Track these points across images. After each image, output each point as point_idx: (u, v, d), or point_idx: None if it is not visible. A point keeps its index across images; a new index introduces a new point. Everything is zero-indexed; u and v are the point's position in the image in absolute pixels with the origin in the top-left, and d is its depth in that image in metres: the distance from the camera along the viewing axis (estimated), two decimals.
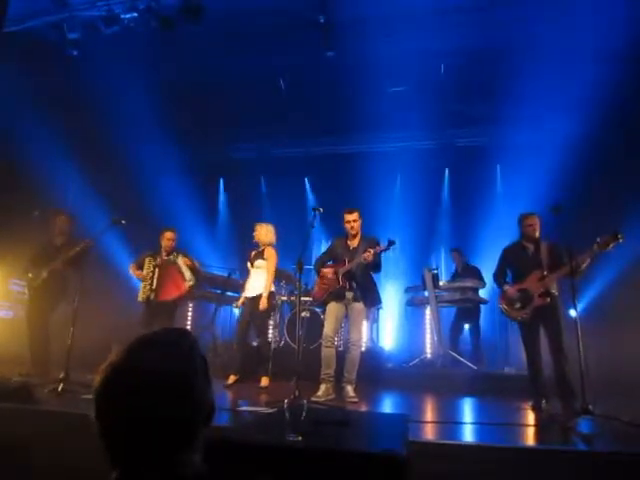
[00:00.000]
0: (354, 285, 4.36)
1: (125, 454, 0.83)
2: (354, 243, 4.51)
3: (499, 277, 4.39)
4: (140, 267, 5.26)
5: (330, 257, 4.65)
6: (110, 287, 6.88)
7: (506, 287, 4.26)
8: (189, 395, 0.87)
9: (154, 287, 5.07)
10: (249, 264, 5.11)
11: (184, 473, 0.85)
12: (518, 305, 4.10)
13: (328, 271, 4.47)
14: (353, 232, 4.46)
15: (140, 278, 5.21)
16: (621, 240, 3.55)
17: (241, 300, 5.11)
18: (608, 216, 5.81)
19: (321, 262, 4.66)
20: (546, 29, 6.07)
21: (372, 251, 4.12)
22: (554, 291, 3.98)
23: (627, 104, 6.26)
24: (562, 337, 3.82)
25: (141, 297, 5.19)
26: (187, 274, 5.17)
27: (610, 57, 5.70)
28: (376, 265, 4.36)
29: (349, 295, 4.36)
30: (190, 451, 0.87)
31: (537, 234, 4.15)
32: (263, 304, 4.80)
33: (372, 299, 4.50)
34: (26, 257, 5.19)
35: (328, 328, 4.31)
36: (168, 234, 5.25)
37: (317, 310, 4.65)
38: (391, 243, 4.15)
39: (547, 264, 4.00)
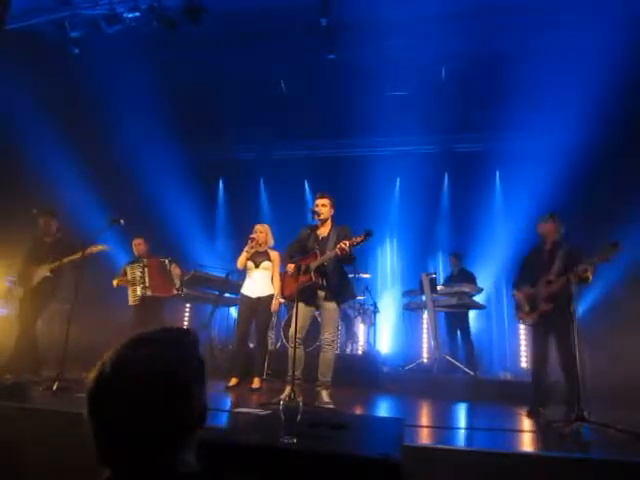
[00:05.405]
0: (325, 281, 4.05)
1: (117, 454, 0.83)
2: (323, 232, 4.23)
3: (516, 284, 4.32)
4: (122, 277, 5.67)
5: (300, 248, 4.25)
6: (106, 287, 6.86)
7: (514, 292, 4.28)
8: (181, 395, 0.86)
9: (147, 284, 5.46)
10: (251, 263, 5.01)
11: (176, 472, 0.84)
12: (527, 308, 4.11)
13: (292, 265, 4.09)
14: (319, 218, 4.18)
15: (126, 284, 5.59)
16: (620, 249, 3.53)
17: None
18: (609, 220, 5.82)
19: (290, 254, 4.26)
20: (546, 35, 6.11)
21: (347, 243, 3.78)
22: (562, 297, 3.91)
23: (627, 108, 6.28)
24: (568, 343, 3.75)
25: (133, 299, 5.50)
26: (177, 282, 5.65)
27: (610, 62, 5.72)
28: (349, 257, 3.95)
29: (321, 293, 4.09)
30: (182, 451, 0.87)
31: (551, 239, 4.13)
32: (275, 306, 4.96)
33: (345, 295, 4.21)
34: (19, 259, 5.20)
35: (294, 328, 3.99)
36: (136, 241, 5.72)
37: (315, 312, 4.62)
38: (368, 234, 3.77)
39: (557, 269, 3.96)
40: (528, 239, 5.79)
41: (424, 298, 6.31)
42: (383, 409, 4.49)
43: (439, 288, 6.31)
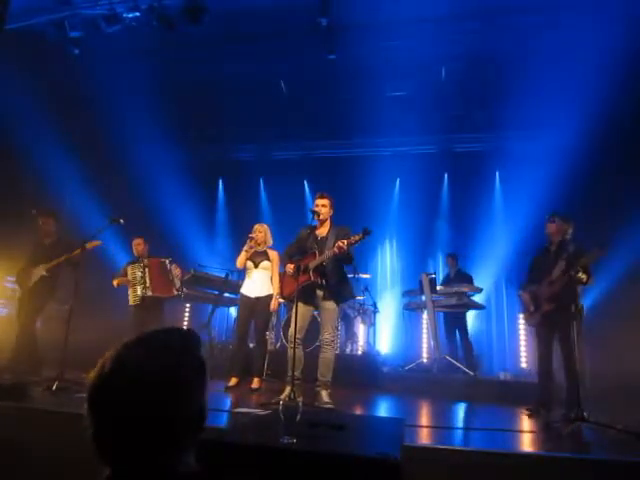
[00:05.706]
0: (324, 281, 4.06)
1: (116, 453, 0.83)
2: (323, 232, 4.23)
3: (523, 284, 4.32)
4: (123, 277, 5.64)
5: (299, 248, 4.26)
6: (106, 287, 6.87)
7: (520, 292, 4.29)
8: (181, 395, 0.86)
9: (148, 284, 5.44)
10: (250, 263, 5.01)
11: (176, 472, 0.84)
12: (532, 309, 4.11)
13: (291, 266, 4.12)
14: (319, 218, 4.18)
15: (126, 283, 5.55)
16: (606, 253, 3.51)
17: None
18: (609, 220, 5.82)
19: (289, 254, 4.30)
20: (546, 35, 6.11)
21: (346, 242, 3.79)
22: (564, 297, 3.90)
23: (627, 108, 6.28)
24: (569, 342, 3.75)
25: (133, 299, 5.47)
26: (177, 283, 5.62)
27: (610, 62, 5.71)
28: (347, 257, 3.97)
29: (319, 293, 4.10)
30: (182, 451, 0.87)
31: (557, 239, 4.12)
32: (274, 305, 4.92)
33: (344, 295, 4.21)
34: (22, 259, 5.19)
35: (293, 327, 3.99)
36: (136, 241, 5.66)
37: (315, 312, 4.63)
38: (366, 232, 3.75)
39: (560, 269, 3.95)
40: (528, 239, 5.81)
41: (424, 298, 6.31)
42: (383, 409, 4.49)
43: (439, 288, 6.32)
